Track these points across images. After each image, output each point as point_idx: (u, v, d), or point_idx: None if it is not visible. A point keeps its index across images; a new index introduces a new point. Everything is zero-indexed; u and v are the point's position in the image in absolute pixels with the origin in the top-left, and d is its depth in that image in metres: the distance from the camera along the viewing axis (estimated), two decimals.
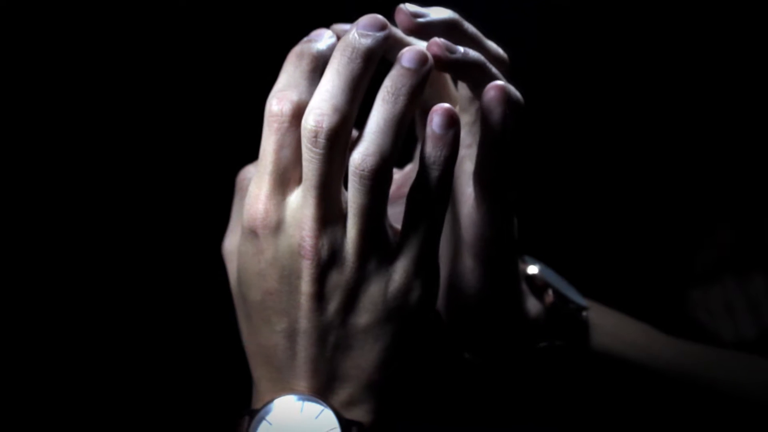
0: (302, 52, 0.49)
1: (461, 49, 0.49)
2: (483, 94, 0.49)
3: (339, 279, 0.47)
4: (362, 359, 0.48)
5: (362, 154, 0.45)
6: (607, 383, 0.57)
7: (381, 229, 0.47)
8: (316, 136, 0.45)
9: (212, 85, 0.96)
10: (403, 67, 0.46)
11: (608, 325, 0.59)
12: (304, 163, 0.46)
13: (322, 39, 0.49)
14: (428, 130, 0.46)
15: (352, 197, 0.47)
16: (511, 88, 0.50)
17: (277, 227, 0.47)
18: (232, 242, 0.54)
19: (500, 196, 0.51)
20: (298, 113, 0.47)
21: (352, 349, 0.48)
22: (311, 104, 0.46)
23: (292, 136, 0.47)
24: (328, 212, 0.47)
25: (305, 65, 0.48)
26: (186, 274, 0.95)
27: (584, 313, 0.57)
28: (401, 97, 0.46)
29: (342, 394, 0.48)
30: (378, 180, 0.46)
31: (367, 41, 0.46)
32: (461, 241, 0.53)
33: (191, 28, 0.96)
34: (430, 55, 0.47)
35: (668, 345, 0.60)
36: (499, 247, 0.52)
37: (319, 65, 0.48)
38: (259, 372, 0.50)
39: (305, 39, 0.49)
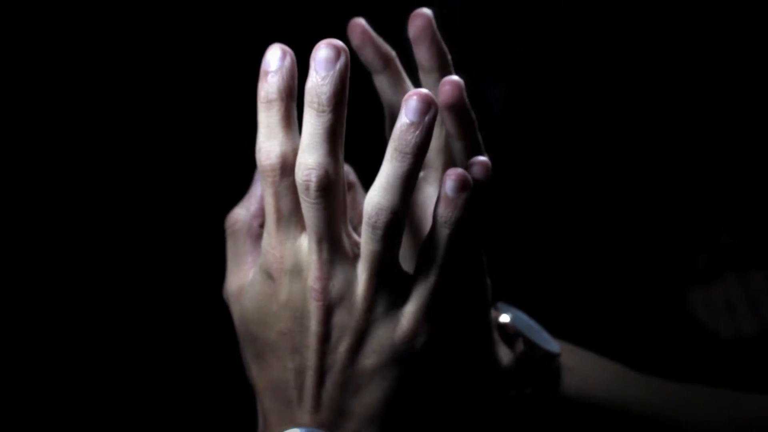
0: (268, 98, 0.49)
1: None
2: (473, 165, 0.51)
3: (348, 321, 0.49)
4: (368, 397, 0.50)
5: (375, 208, 0.47)
6: (581, 427, 0.58)
7: (391, 275, 0.49)
8: (308, 189, 0.48)
9: (212, 86, 0.96)
10: (407, 122, 0.47)
11: (580, 369, 0.60)
12: (304, 213, 0.48)
13: (276, 68, 0.49)
14: (441, 191, 0.48)
15: (364, 243, 0.48)
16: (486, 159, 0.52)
17: (292, 270, 0.49)
18: (232, 284, 0.55)
19: (474, 259, 0.53)
20: (285, 164, 0.49)
21: (358, 387, 0.50)
22: (298, 160, 0.48)
23: (287, 183, 0.49)
24: (336, 256, 0.49)
25: (275, 113, 0.49)
26: (186, 275, 0.95)
27: (556, 361, 0.58)
28: (408, 156, 0.47)
29: (347, 428, 0.50)
30: (389, 231, 0.48)
31: (326, 86, 0.47)
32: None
33: (191, 28, 0.96)
34: (433, 99, 0.47)
35: (641, 385, 0.61)
36: (473, 307, 0.54)
37: (287, 106, 0.49)
38: (267, 405, 0.52)
39: (262, 71, 0.50)
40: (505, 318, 0.58)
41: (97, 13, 0.92)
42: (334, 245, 0.49)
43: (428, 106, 0.47)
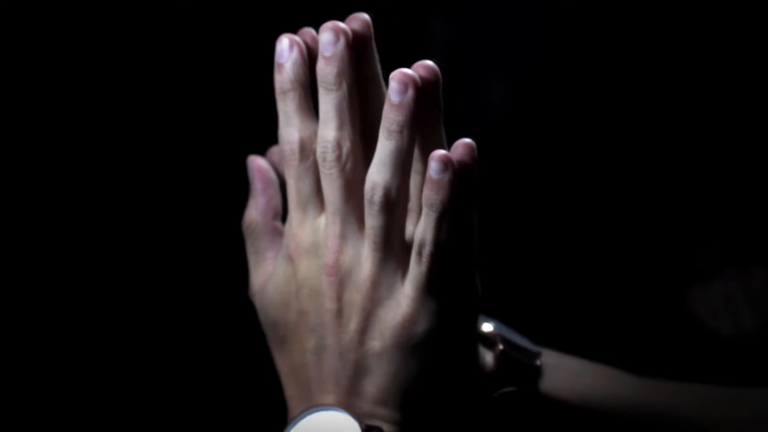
0: (282, 89, 0.53)
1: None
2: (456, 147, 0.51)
3: (356, 298, 0.51)
4: (380, 379, 0.51)
5: (370, 184, 0.50)
6: (564, 427, 0.59)
7: (393, 253, 0.51)
8: (324, 160, 0.51)
9: (213, 85, 0.96)
10: (391, 103, 0.49)
11: (564, 369, 0.60)
12: (323, 186, 0.51)
13: (287, 61, 0.53)
14: (427, 175, 0.49)
15: (366, 219, 0.50)
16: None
17: (309, 249, 0.52)
18: (255, 281, 0.56)
19: (465, 253, 0.53)
20: (303, 147, 0.52)
21: (370, 368, 0.51)
22: (318, 136, 0.51)
23: (306, 167, 0.52)
24: (349, 230, 0.51)
25: (291, 102, 0.52)
26: (194, 273, 0.95)
27: (537, 360, 0.59)
28: (394, 134, 0.49)
29: (364, 407, 0.52)
30: (384, 205, 0.49)
31: (332, 67, 0.51)
32: None
33: (191, 29, 0.96)
34: (416, 80, 0.49)
35: (626, 383, 0.61)
36: (461, 305, 0.54)
37: (301, 94, 0.53)
38: (290, 391, 0.54)
39: (276, 63, 0.53)
40: (488, 326, 0.59)
41: (97, 13, 0.92)
42: (349, 219, 0.51)
43: (406, 86, 0.49)
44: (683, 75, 1.10)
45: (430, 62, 0.51)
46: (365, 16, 0.53)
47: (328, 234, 0.51)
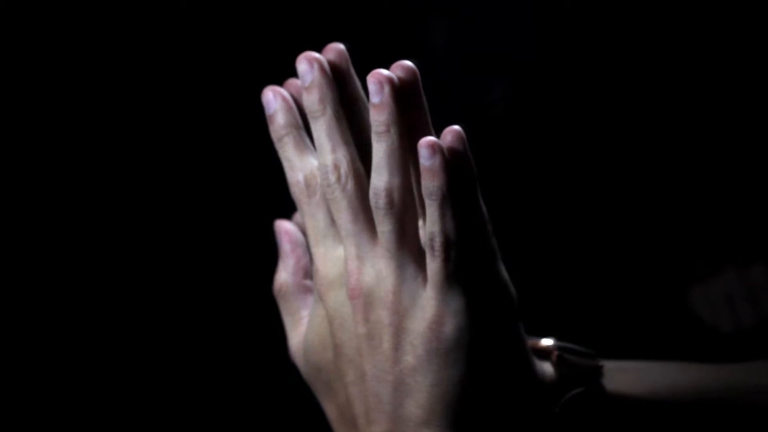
0: (278, 135, 0.54)
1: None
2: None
3: (383, 315, 0.49)
4: (421, 398, 0.49)
5: (373, 190, 0.49)
6: (632, 426, 0.57)
7: (410, 257, 0.50)
8: (328, 185, 0.51)
9: (212, 86, 0.96)
10: (373, 105, 0.50)
11: (626, 368, 0.59)
12: (334, 215, 0.51)
13: (275, 110, 0.54)
14: (420, 165, 0.49)
15: (377, 228, 0.50)
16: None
17: (333, 281, 0.51)
18: (293, 342, 0.56)
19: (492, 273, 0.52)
20: (309, 183, 0.52)
21: (409, 388, 0.49)
22: (319, 164, 0.51)
23: (316, 201, 0.52)
24: (365, 249, 0.50)
25: (287, 146, 0.53)
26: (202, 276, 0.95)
27: (597, 360, 0.57)
28: (383, 134, 0.49)
29: None
30: (390, 209, 0.49)
31: (313, 94, 0.51)
32: None
33: (191, 30, 0.96)
34: (392, 78, 0.50)
35: (696, 372, 0.60)
36: (502, 319, 0.52)
37: (296, 136, 0.54)
38: None
39: (267, 117, 0.54)
40: (547, 342, 0.57)
41: (97, 14, 0.92)
42: (362, 238, 0.50)
43: (381, 85, 0.49)
44: (684, 74, 1.10)
45: (407, 62, 0.51)
46: (340, 46, 0.53)
47: (347, 258, 0.50)
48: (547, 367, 0.56)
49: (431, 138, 0.48)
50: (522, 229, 1.09)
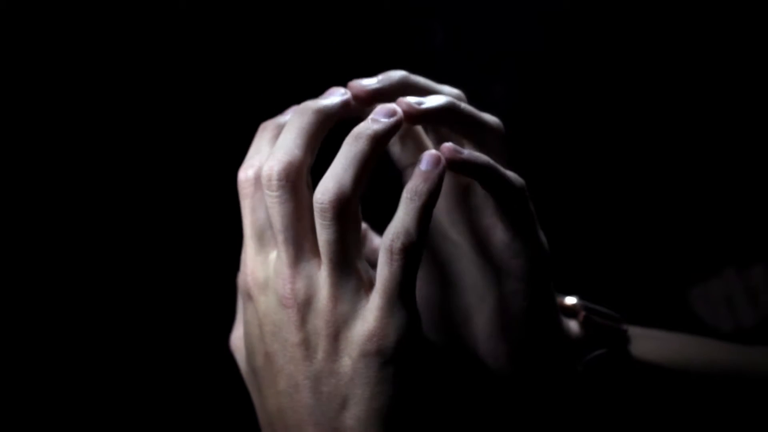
0: (266, 125, 0.52)
1: (466, 151, 0.49)
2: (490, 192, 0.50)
3: (319, 323, 0.47)
4: (358, 410, 0.47)
5: (321, 190, 0.47)
6: (656, 392, 0.57)
7: (352, 268, 0.47)
8: (269, 180, 0.47)
9: (212, 87, 0.96)
10: (370, 118, 0.48)
11: (650, 336, 0.59)
12: (270, 213, 0.48)
13: (288, 114, 0.52)
14: (415, 170, 0.47)
15: (318, 235, 0.47)
16: (510, 176, 0.51)
17: (265, 283, 0.49)
18: (237, 334, 0.55)
19: (531, 236, 0.52)
20: (259, 177, 0.49)
21: (345, 397, 0.47)
22: (268, 156, 0.48)
23: (261, 196, 0.49)
24: (301, 255, 0.47)
25: (267, 134, 0.51)
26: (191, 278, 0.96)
27: (623, 325, 0.57)
28: (362, 139, 0.47)
29: None
30: (337, 213, 0.46)
31: (317, 101, 0.50)
32: (492, 283, 0.53)
33: (191, 30, 0.96)
34: (399, 110, 0.48)
35: (718, 349, 0.60)
36: (532, 275, 0.52)
37: (280, 132, 0.51)
38: None
39: (296, 107, 0.52)
40: (571, 300, 0.57)
41: (97, 14, 0.92)
42: (298, 244, 0.47)
43: (394, 113, 0.48)
44: (681, 78, 1.10)
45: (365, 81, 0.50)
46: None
47: (280, 263, 0.47)
48: (573, 325, 0.56)
49: (434, 152, 0.47)
50: None
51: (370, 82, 0.51)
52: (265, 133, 0.51)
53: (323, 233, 0.47)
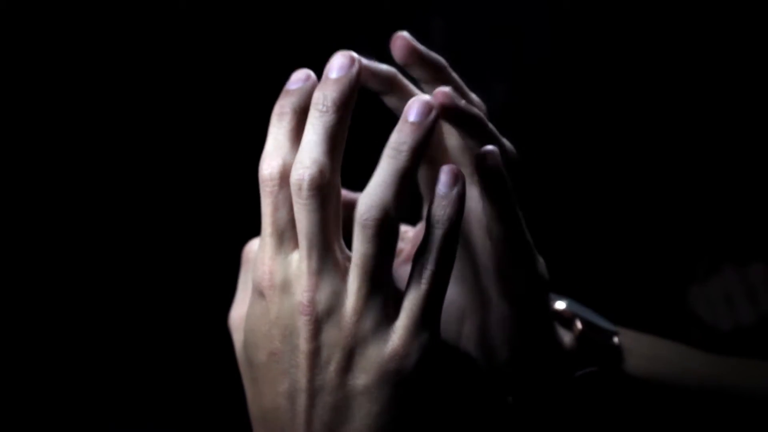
0: (281, 111, 0.49)
1: (462, 101, 0.49)
2: (480, 156, 0.49)
3: (337, 336, 0.47)
4: (359, 423, 0.47)
5: (366, 206, 0.46)
6: (648, 407, 0.57)
7: (383, 285, 0.47)
8: (300, 188, 0.46)
9: (212, 86, 0.97)
10: (407, 122, 0.47)
11: (642, 348, 0.58)
12: (297, 217, 0.47)
13: (298, 88, 0.50)
14: (435, 191, 0.47)
15: (355, 248, 0.47)
16: (505, 143, 0.51)
17: (282, 286, 0.48)
18: (238, 313, 0.54)
19: (520, 241, 0.52)
20: (285, 174, 0.48)
21: (349, 411, 0.47)
22: (295, 160, 0.47)
23: (285, 196, 0.48)
24: (326, 265, 0.47)
25: (286, 125, 0.49)
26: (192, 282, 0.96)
27: (615, 339, 0.57)
28: (404, 153, 0.46)
29: None
30: (380, 230, 0.46)
31: (334, 88, 0.47)
32: (490, 286, 0.53)
33: (191, 30, 0.96)
34: (435, 105, 0.47)
35: (702, 360, 0.60)
36: (530, 286, 0.52)
37: (299, 121, 0.49)
38: None
39: (284, 89, 0.50)
40: (560, 305, 0.57)
41: (97, 14, 0.92)
42: (324, 253, 0.47)
43: (430, 110, 0.47)
44: (681, 78, 1.10)
45: (443, 89, 0.48)
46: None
47: (302, 270, 0.47)
48: (566, 336, 0.55)
49: (452, 166, 0.47)
50: None
51: (421, 46, 0.50)
52: (282, 123, 0.49)
53: (361, 247, 0.46)
